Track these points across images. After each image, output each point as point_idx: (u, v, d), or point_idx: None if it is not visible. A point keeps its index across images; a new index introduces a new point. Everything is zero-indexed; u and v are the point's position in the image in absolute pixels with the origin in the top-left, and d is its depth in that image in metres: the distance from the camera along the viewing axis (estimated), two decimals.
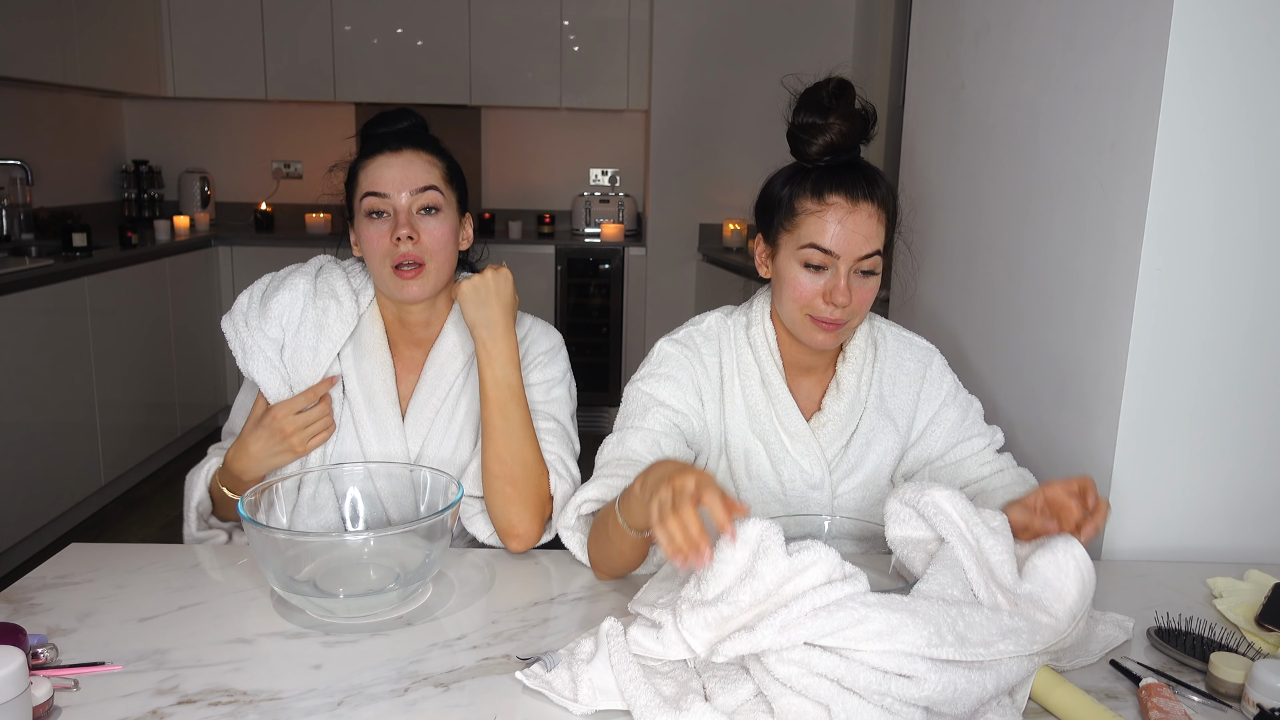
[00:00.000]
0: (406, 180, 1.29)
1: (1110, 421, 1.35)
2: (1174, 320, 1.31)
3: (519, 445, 1.26)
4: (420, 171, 1.31)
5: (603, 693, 0.89)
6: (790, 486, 1.31)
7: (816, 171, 1.24)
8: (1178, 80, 1.24)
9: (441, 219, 1.31)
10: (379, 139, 1.33)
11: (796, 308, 1.25)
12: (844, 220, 1.20)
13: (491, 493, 1.26)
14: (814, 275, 1.23)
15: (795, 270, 1.24)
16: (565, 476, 1.29)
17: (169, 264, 3.95)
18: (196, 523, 1.34)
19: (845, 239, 1.20)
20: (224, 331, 1.35)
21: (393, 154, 1.31)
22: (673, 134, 4.44)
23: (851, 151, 1.25)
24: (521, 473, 1.25)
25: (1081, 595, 0.95)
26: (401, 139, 1.33)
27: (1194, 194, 1.27)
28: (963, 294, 1.84)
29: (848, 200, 1.21)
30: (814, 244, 1.21)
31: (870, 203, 1.22)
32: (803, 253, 1.22)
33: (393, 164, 1.30)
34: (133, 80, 4.29)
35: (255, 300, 1.35)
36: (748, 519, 0.92)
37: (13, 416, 2.96)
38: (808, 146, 1.24)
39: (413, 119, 1.37)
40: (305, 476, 1.29)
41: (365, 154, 1.33)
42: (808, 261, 1.22)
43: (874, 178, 1.24)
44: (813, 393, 1.36)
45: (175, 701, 0.89)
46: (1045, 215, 1.54)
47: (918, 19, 2.08)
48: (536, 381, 1.37)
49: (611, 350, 4.63)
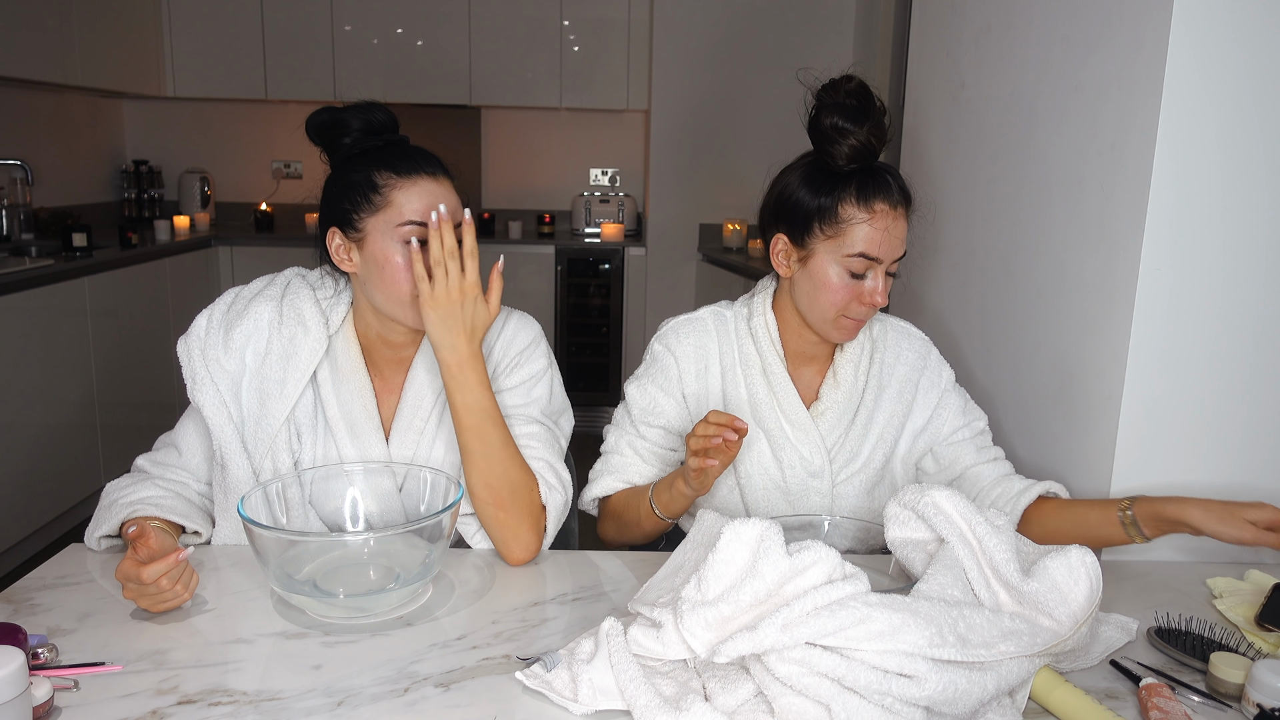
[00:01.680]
0: (452, 212, 1.21)
1: (1110, 421, 1.35)
2: (1174, 320, 1.31)
3: (503, 467, 1.20)
4: (457, 203, 1.24)
5: (603, 693, 0.89)
6: (790, 474, 1.34)
7: (858, 178, 1.26)
8: (1178, 80, 1.24)
9: None
10: (408, 155, 1.24)
11: (833, 309, 1.29)
12: (890, 228, 1.25)
13: (484, 518, 1.23)
14: (854, 281, 1.27)
15: (837, 274, 1.27)
16: (555, 485, 1.25)
17: (169, 264, 3.96)
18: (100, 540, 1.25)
19: (890, 245, 1.26)
20: (178, 354, 1.28)
21: (433, 180, 1.23)
22: (673, 134, 4.44)
23: (877, 156, 1.29)
24: (510, 494, 1.21)
25: (1089, 601, 0.95)
26: (431, 160, 1.24)
27: (1194, 194, 1.27)
28: (963, 294, 1.84)
29: (891, 208, 1.26)
30: (863, 253, 1.25)
31: (905, 208, 1.28)
32: (850, 261, 1.26)
33: (437, 193, 1.22)
34: (133, 80, 4.29)
35: (216, 326, 1.28)
36: (749, 519, 0.93)
37: (13, 416, 2.96)
38: (838, 147, 1.26)
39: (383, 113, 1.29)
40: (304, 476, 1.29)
41: (397, 169, 1.22)
42: (853, 270, 1.26)
43: (903, 182, 1.29)
44: (812, 382, 1.41)
45: (175, 701, 0.89)
46: (1045, 215, 1.54)
47: (918, 19, 2.08)
48: (516, 383, 1.32)
49: (611, 350, 4.63)
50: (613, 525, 1.40)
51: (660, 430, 1.39)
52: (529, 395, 1.32)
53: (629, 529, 1.37)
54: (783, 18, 4.33)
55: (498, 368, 1.33)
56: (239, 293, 1.32)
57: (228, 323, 1.29)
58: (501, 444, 1.21)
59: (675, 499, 1.26)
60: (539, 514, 1.24)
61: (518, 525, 1.21)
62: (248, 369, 1.27)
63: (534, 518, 1.23)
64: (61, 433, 3.24)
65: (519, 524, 1.21)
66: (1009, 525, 1.00)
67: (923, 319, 2.01)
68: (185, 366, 1.27)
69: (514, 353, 1.33)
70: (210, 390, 1.26)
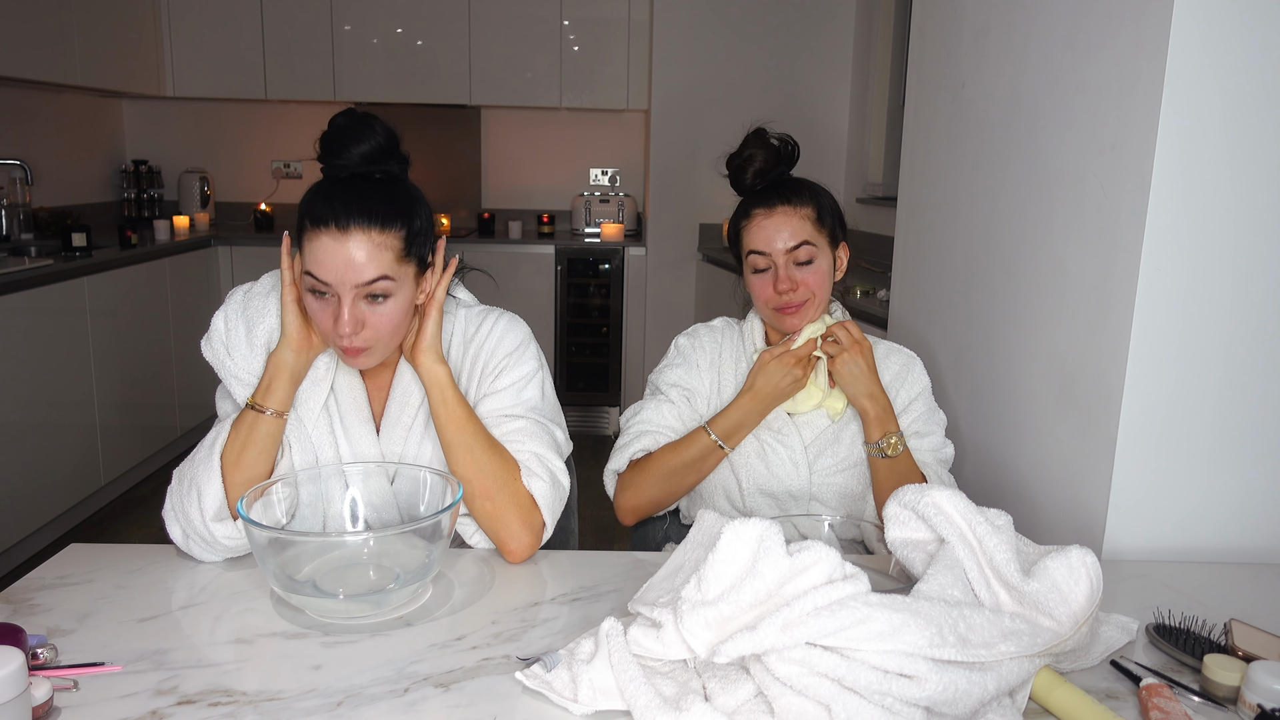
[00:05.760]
0: (350, 273, 1.15)
1: (1110, 421, 1.35)
2: (1174, 320, 1.31)
3: (484, 457, 1.23)
4: (367, 260, 1.15)
5: (603, 693, 0.89)
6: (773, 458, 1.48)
7: (746, 198, 1.51)
8: (1178, 80, 1.24)
9: (391, 304, 1.19)
10: (326, 200, 1.16)
11: (761, 305, 1.50)
12: (765, 224, 1.46)
13: (475, 514, 1.25)
14: (762, 276, 1.47)
15: (750, 276, 1.50)
16: (539, 474, 1.26)
17: (169, 264, 3.96)
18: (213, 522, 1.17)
19: (769, 238, 1.45)
20: (205, 357, 1.28)
21: (340, 234, 1.14)
22: (673, 134, 4.44)
23: (777, 173, 1.49)
24: (496, 485, 1.22)
25: (1089, 601, 0.95)
26: (349, 206, 1.15)
27: (1194, 194, 1.27)
28: (963, 294, 1.84)
29: (765, 209, 1.46)
30: (751, 249, 1.47)
31: (786, 205, 1.45)
32: (749, 260, 1.48)
33: (337, 252, 1.14)
34: (132, 80, 4.29)
35: (235, 324, 1.28)
36: (749, 519, 0.93)
37: (13, 416, 2.96)
38: (742, 177, 1.50)
39: (372, 142, 1.20)
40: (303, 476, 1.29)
41: (311, 218, 1.16)
42: (754, 266, 1.48)
43: (791, 186, 1.47)
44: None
45: (175, 702, 0.89)
46: (1045, 215, 1.54)
47: (918, 19, 2.08)
48: (505, 385, 1.32)
49: (611, 350, 4.63)
50: (651, 481, 1.47)
51: (686, 396, 1.53)
52: (519, 397, 1.32)
53: (677, 476, 1.46)
54: (783, 18, 4.33)
55: (486, 369, 1.33)
56: (248, 290, 1.32)
57: (248, 320, 1.29)
58: (482, 434, 1.25)
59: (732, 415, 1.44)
60: (527, 504, 1.24)
61: (506, 515, 1.23)
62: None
63: (520, 507, 1.23)
64: (61, 433, 3.24)
65: (508, 516, 1.23)
66: (1009, 525, 1.00)
67: (922, 320, 2.01)
68: (219, 367, 1.28)
69: (502, 355, 1.33)
70: (251, 384, 1.26)
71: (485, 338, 1.34)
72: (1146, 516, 1.37)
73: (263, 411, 1.21)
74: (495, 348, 1.34)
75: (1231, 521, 1.38)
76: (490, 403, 1.31)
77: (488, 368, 1.33)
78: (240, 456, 1.21)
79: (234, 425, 1.22)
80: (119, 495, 3.67)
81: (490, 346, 1.34)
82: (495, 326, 1.35)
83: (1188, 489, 1.36)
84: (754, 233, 1.46)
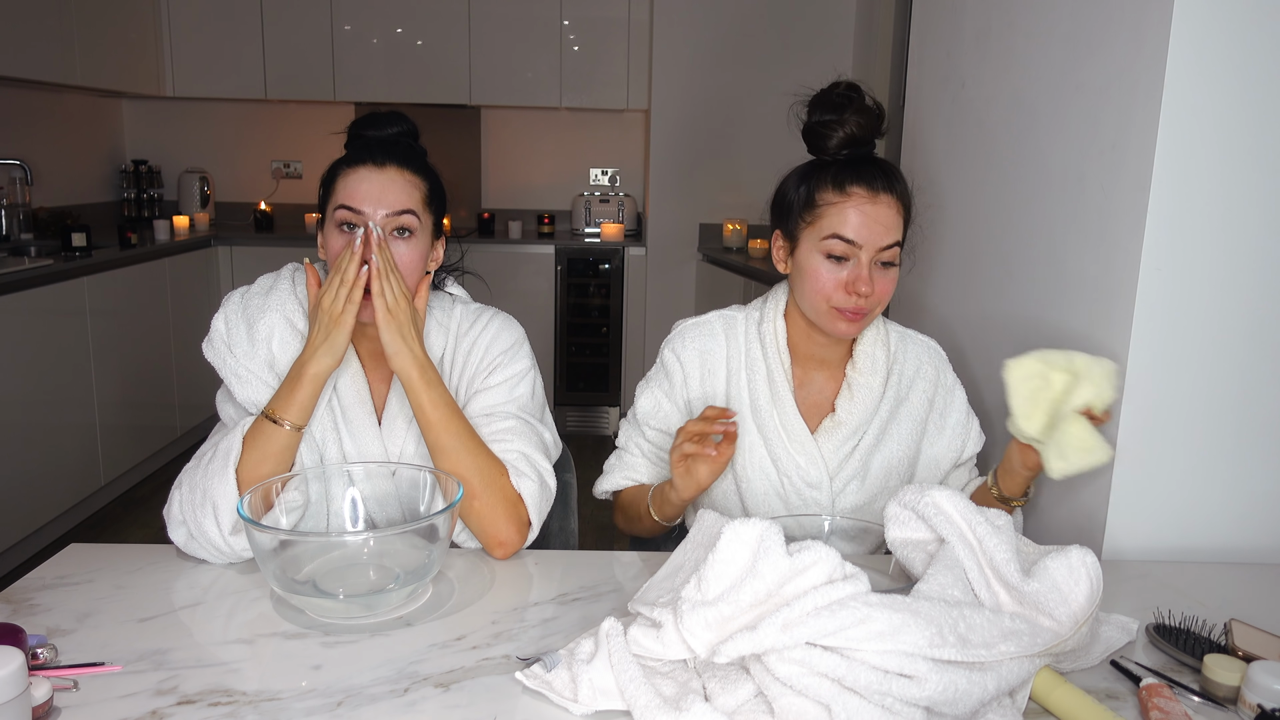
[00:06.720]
0: (385, 199, 1.23)
1: (1110, 422, 1.35)
2: (1174, 320, 1.31)
3: (471, 457, 1.23)
4: (400, 192, 1.24)
5: (603, 693, 0.89)
6: (788, 482, 1.35)
7: (836, 165, 1.27)
8: (1178, 80, 1.24)
9: (413, 244, 1.25)
10: (365, 146, 1.27)
11: (820, 299, 1.28)
12: (865, 210, 1.24)
13: (462, 511, 1.24)
14: (836, 266, 1.26)
15: (817, 262, 1.27)
16: (528, 474, 1.26)
17: (168, 264, 3.95)
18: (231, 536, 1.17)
19: (867, 229, 1.24)
20: (207, 359, 1.29)
21: (376, 168, 1.24)
22: (673, 134, 4.44)
23: (868, 145, 1.29)
24: (482, 484, 1.22)
25: (1089, 601, 0.94)
26: (388, 152, 1.26)
27: (1194, 194, 1.27)
28: (963, 294, 1.84)
29: (868, 191, 1.25)
30: (836, 234, 1.25)
31: (890, 194, 1.26)
32: (825, 244, 1.26)
33: (373, 179, 1.24)
34: (132, 80, 4.29)
35: (235, 324, 1.29)
36: (749, 519, 0.93)
37: (13, 416, 2.96)
38: (827, 140, 1.28)
39: (403, 125, 1.31)
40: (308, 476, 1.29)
41: (349, 161, 1.26)
42: (830, 252, 1.26)
43: (891, 171, 1.28)
44: (825, 388, 1.39)
45: (175, 702, 0.89)
46: (1045, 215, 1.54)
47: (918, 19, 2.08)
48: (498, 382, 1.33)
49: (611, 350, 4.63)
50: (622, 518, 1.48)
51: (660, 434, 1.42)
52: (510, 394, 1.33)
53: (634, 524, 1.43)
54: (783, 18, 4.33)
55: (480, 366, 1.34)
56: (245, 291, 1.33)
57: (247, 319, 1.29)
58: (469, 434, 1.25)
59: (665, 504, 1.32)
60: (515, 502, 1.25)
61: (493, 514, 1.23)
62: (275, 359, 1.28)
63: (508, 505, 1.24)
64: (61, 433, 3.24)
65: (494, 514, 1.23)
66: (1009, 525, 1.00)
67: (923, 319, 2.01)
68: (221, 367, 1.28)
69: (497, 352, 1.34)
70: (254, 381, 1.26)
71: (480, 334, 1.36)
72: (1146, 516, 1.37)
73: (280, 424, 1.20)
74: (490, 344, 1.35)
75: (1231, 521, 1.38)
76: (482, 399, 1.32)
77: (481, 364, 1.34)
78: (256, 471, 1.19)
79: (249, 437, 1.20)
80: (119, 495, 3.67)
81: (485, 343, 1.35)
82: (490, 324, 1.37)
83: (1188, 489, 1.36)
84: (846, 213, 1.24)
